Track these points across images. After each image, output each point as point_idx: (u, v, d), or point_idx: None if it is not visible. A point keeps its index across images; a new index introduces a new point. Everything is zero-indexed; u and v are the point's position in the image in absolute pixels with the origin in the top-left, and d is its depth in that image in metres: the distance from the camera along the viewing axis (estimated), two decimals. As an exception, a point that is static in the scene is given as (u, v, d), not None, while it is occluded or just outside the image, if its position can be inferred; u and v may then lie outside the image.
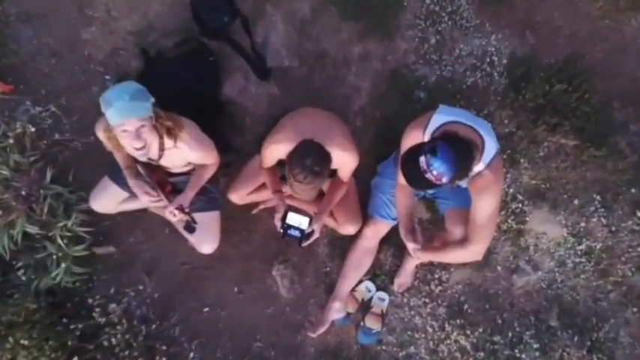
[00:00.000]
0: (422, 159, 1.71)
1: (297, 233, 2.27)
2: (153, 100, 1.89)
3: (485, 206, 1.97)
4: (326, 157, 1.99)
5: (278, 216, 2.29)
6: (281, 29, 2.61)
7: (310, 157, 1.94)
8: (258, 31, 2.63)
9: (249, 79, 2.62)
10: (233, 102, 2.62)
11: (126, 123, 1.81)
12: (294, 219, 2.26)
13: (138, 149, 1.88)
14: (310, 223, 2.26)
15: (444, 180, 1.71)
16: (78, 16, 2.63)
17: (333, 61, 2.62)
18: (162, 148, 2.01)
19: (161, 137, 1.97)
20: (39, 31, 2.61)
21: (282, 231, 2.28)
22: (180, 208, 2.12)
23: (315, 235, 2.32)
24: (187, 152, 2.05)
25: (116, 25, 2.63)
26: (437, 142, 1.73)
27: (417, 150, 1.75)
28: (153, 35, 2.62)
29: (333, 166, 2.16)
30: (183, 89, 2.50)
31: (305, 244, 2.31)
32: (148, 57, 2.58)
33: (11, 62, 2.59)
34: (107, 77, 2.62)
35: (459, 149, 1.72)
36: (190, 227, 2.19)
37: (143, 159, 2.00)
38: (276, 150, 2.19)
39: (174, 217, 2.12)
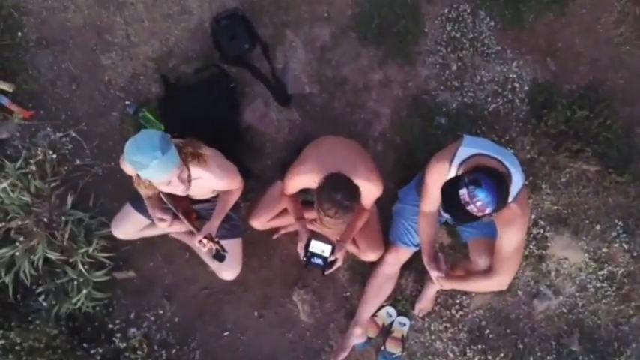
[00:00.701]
0: (463, 192, 1.70)
1: (320, 261, 2.26)
2: (169, 136, 1.88)
3: (511, 239, 1.97)
4: (355, 192, 1.98)
5: (301, 244, 2.28)
6: (301, 56, 2.61)
7: (340, 192, 1.93)
8: (278, 57, 2.62)
9: (270, 105, 2.61)
10: (253, 128, 2.62)
11: (170, 177, 1.83)
12: (317, 247, 2.25)
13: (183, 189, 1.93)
14: (333, 251, 2.25)
15: (488, 211, 1.70)
16: (98, 42, 2.62)
17: (354, 87, 2.61)
18: (189, 180, 2.01)
19: (187, 168, 1.97)
20: (59, 57, 2.61)
21: (305, 259, 2.27)
22: (210, 237, 2.12)
23: (338, 264, 2.32)
24: (213, 181, 2.05)
25: (136, 51, 2.63)
26: (476, 174, 1.73)
27: (455, 184, 1.75)
28: (173, 61, 2.62)
29: None
30: (203, 115, 2.51)
31: (328, 272, 2.31)
32: (168, 83, 2.57)
33: (31, 88, 2.59)
34: (127, 102, 2.61)
35: (499, 181, 1.73)
36: (220, 256, 2.17)
37: (184, 194, 2.01)
38: (300, 181, 2.19)
39: (204, 246, 2.12)
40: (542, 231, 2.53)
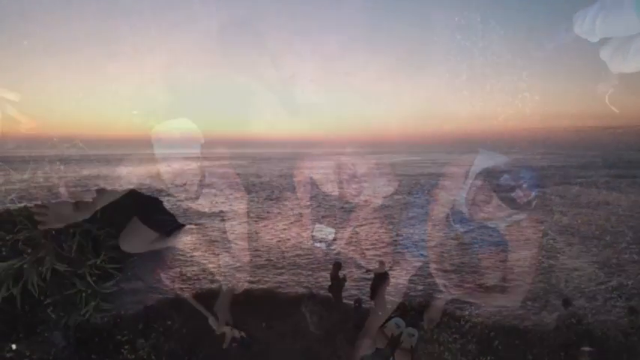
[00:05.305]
0: (505, 177, 1.71)
1: (323, 246, 2.45)
2: None
3: (524, 253, 1.95)
4: None
5: None
6: None
7: None
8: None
9: None
10: None
11: None
12: (320, 230, 2.39)
13: None
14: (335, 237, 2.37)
15: (534, 194, 1.70)
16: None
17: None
18: None
19: None
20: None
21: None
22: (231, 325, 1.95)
23: None
24: None
25: None
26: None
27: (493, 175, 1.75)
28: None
29: None
30: None
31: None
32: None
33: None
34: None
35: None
36: (246, 345, 2.01)
37: None
38: None
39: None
40: (552, 241, 2.51)
